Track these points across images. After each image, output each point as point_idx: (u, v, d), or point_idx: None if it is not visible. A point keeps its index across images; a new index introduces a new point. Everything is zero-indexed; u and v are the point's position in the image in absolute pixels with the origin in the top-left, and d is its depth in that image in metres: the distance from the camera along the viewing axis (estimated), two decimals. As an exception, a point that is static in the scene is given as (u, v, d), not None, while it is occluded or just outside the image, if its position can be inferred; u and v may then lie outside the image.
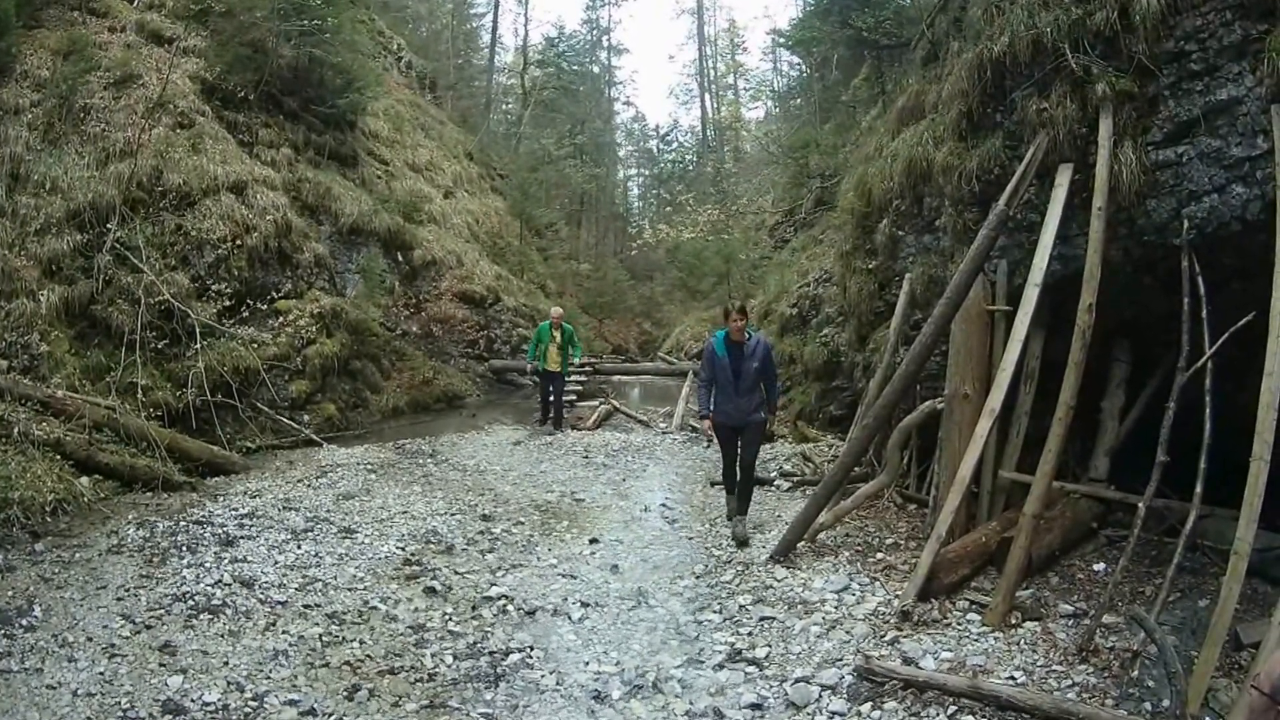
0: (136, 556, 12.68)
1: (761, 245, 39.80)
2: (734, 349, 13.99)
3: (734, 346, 13.98)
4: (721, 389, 14.10)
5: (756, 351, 13.98)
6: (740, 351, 13.94)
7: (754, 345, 14.02)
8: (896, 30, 27.02)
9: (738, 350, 13.97)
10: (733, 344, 13.99)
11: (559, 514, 15.97)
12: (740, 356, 13.93)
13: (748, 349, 13.93)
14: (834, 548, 12.91)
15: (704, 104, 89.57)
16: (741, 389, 13.97)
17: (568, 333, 25.11)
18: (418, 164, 39.73)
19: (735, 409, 14.05)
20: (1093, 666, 8.66)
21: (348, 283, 27.77)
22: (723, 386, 14.07)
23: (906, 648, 9.34)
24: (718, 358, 14.05)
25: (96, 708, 8.47)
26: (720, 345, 14.07)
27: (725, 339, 14.07)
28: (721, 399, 14.12)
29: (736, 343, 13.98)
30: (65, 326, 19.00)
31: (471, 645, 10.24)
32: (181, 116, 24.55)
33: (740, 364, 13.92)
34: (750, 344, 13.98)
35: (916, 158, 15.15)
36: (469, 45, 75.45)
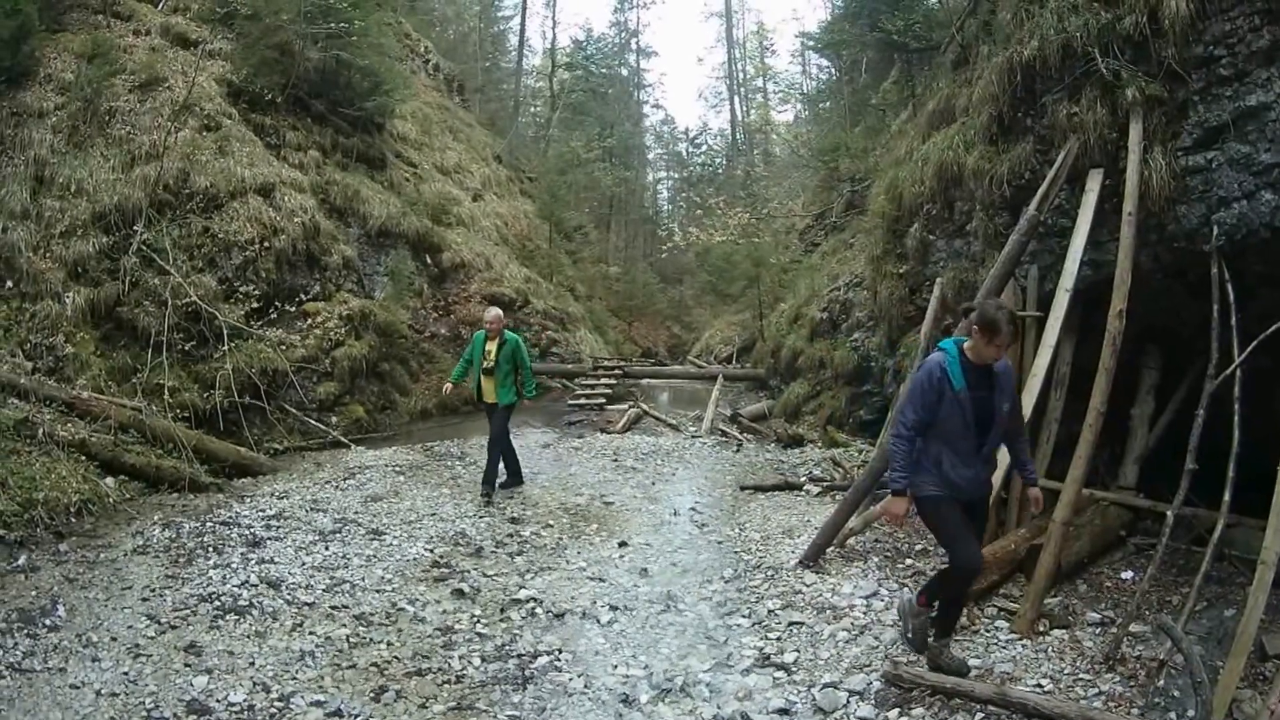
0: (162, 557, 12.74)
1: (792, 249, 39.73)
2: (979, 375, 8.73)
3: (979, 372, 8.73)
4: (950, 442, 8.80)
5: (1008, 380, 8.93)
6: (989, 381, 8.74)
7: (1005, 370, 8.89)
8: (926, 33, 26.88)
9: (984, 378, 8.74)
10: (976, 368, 8.73)
11: (588, 517, 15.86)
12: (990, 388, 8.73)
13: (1001, 377, 8.78)
14: (863, 553, 12.78)
15: (733, 107, 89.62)
16: (989, 443, 8.93)
17: (510, 344, 17.72)
18: (446, 166, 39.72)
19: (975, 476, 8.94)
20: (1119, 675, 8.61)
21: (376, 285, 27.82)
22: (953, 439, 8.78)
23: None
24: (951, 390, 8.71)
25: (120, 707, 8.47)
26: (956, 367, 8.71)
27: (963, 359, 8.76)
28: (953, 459, 8.79)
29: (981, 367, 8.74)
30: (91, 328, 19.18)
31: (500, 648, 10.17)
32: (208, 119, 24.64)
33: (991, 401, 8.75)
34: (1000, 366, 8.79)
35: (947, 162, 15.15)
36: (496, 48, 75.59)
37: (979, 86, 14.57)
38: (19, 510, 12.99)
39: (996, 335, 8.43)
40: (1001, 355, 8.68)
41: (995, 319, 8.42)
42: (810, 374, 24.74)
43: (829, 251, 32.66)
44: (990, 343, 8.49)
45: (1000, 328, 8.39)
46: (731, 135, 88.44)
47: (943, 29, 22.75)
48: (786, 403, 25.26)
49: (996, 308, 8.65)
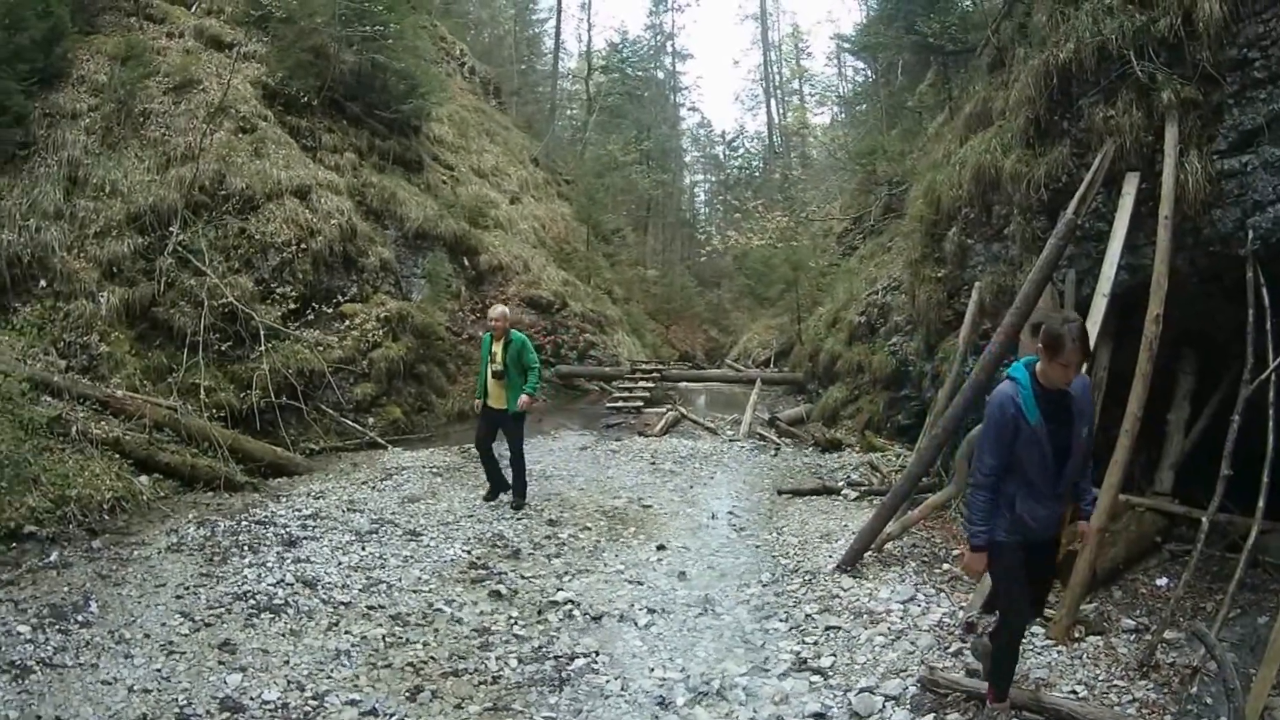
0: (196, 555, 12.86)
1: (829, 252, 39.65)
2: (1054, 403, 7.63)
3: (1054, 398, 7.63)
4: (1027, 481, 7.79)
5: (1086, 403, 7.84)
6: (1066, 406, 7.66)
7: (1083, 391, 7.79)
8: (962, 35, 26.78)
9: (1060, 405, 7.66)
10: (1050, 394, 7.62)
11: (626, 520, 15.81)
12: (1067, 415, 7.68)
13: (1078, 400, 7.70)
14: (900, 558, 12.75)
15: (769, 109, 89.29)
16: (1067, 476, 7.86)
17: (517, 344, 16.44)
18: (483, 169, 39.69)
19: (1051, 515, 8.00)
20: (1153, 682, 8.58)
21: (413, 287, 27.85)
22: (1030, 477, 7.76)
23: (970, 660, 9.16)
24: (1026, 424, 7.61)
25: (153, 704, 8.52)
26: (1029, 399, 7.61)
27: (1035, 386, 7.65)
28: (1028, 499, 7.81)
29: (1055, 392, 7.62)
30: (126, 327, 19.27)
31: (537, 649, 10.19)
32: (243, 121, 24.72)
33: (1069, 431, 7.71)
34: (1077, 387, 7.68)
35: (984, 165, 15.04)
36: (532, 51, 75.56)
37: (1015, 89, 14.51)
38: (51, 507, 13.08)
39: (1060, 353, 7.29)
40: (1071, 377, 7.46)
41: (1059, 334, 7.28)
42: (848, 378, 24.65)
43: (867, 255, 32.61)
44: (1054, 361, 7.36)
45: (1064, 345, 7.24)
46: (768, 138, 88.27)
47: (978, 31, 22.67)
48: (824, 407, 25.16)
49: (1063, 321, 7.42)
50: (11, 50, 19.96)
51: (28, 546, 12.28)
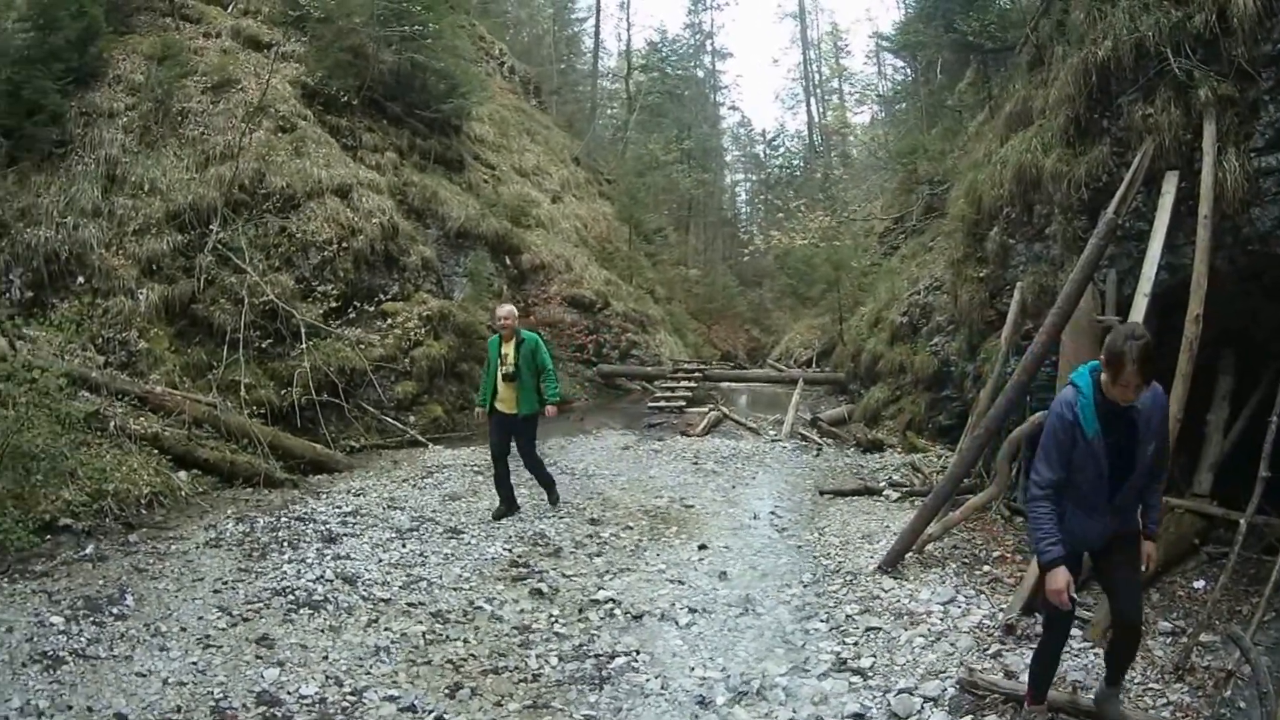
0: (235, 550, 12.97)
1: (871, 252, 39.55)
2: (1117, 415, 7.18)
3: (1118, 411, 7.17)
4: (1078, 495, 7.44)
5: (1155, 418, 7.34)
6: (1130, 421, 7.20)
7: (1153, 404, 7.29)
8: (1001, 34, 26.68)
9: (1124, 420, 7.21)
10: (1115, 406, 7.15)
11: (668, 519, 15.69)
12: (1131, 430, 7.22)
13: (1145, 414, 7.21)
14: (941, 559, 12.67)
15: (809, 108, 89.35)
16: (1124, 493, 7.41)
17: (530, 344, 15.66)
18: (524, 168, 39.76)
19: (1103, 528, 7.52)
20: (1188, 685, 8.53)
21: (455, 286, 27.91)
22: (1082, 490, 7.41)
23: (1009, 661, 9.21)
24: (1083, 437, 7.25)
25: (187, 696, 8.58)
26: (1089, 409, 7.22)
27: (1097, 396, 7.22)
28: (1077, 511, 7.48)
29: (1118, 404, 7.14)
30: (165, 324, 19.42)
31: (577, 648, 10.19)
32: (283, 120, 24.84)
33: (1132, 447, 7.26)
34: (1146, 401, 7.18)
35: (1025, 164, 14.94)
36: (571, 50, 75.72)
37: (1055, 88, 14.44)
38: (88, 500, 13.25)
39: (1119, 374, 6.86)
40: (1133, 397, 6.98)
41: (1120, 354, 6.82)
42: (890, 378, 24.61)
43: (908, 255, 32.51)
44: (1116, 381, 6.93)
45: (1124, 366, 6.79)
46: (809, 137, 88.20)
47: (1017, 29, 22.55)
48: (866, 407, 25.11)
49: (1125, 339, 6.85)
50: (46, 50, 20.17)
51: (63, 539, 12.45)
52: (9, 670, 8.80)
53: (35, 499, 12.54)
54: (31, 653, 9.17)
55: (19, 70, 19.56)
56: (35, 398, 13.21)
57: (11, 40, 19.66)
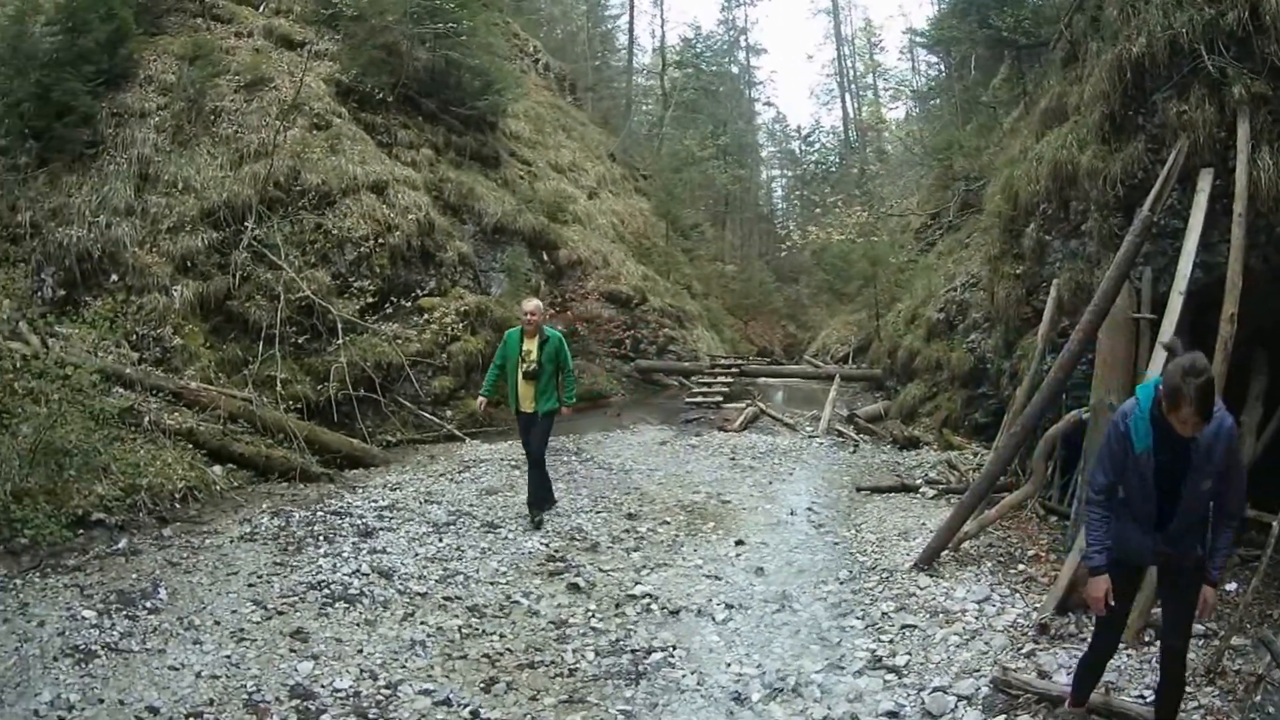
0: (270, 544, 13.07)
1: (907, 248, 39.46)
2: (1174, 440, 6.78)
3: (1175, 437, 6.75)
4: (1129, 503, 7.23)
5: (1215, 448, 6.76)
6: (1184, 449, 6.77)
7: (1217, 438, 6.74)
8: (1035, 29, 26.63)
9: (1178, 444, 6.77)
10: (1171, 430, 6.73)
11: (705, 515, 15.74)
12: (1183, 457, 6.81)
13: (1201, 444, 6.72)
14: (977, 557, 12.60)
15: (844, 104, 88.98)
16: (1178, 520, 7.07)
17: (554, 342, 15.14)
18: (561, 164, 39.76)
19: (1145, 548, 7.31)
20: (1218, 689, 8.45)
21: (492, 281, 27.99)
22: (1133, 500, 7.18)
23: (1043, 661, 9.17)
24: (1132, 450, 7.02)
25: (220, 690, 8.64)
26: (1142, 424, 6.94)
27: (1154, 412, 6.84)
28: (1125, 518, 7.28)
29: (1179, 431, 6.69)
30: (200, 321, 19.61)
31: (614, 643, 10.24)
32: (317, 118, 24.95)
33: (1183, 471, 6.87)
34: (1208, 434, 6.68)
35: (1061, 161, 14.83)
36: (605, 46, 75.65)
37: (1090, 84, 14.36)
38: (121, 495, 13.35)
39: (1176, 410, 6.48)
40: (1190, 432, 6.56)
41: (1177, 391, 6.44)
42: (926, 375, 24.49)
43: (945, 251, 32.32)
44: (1172, 414, 6.54)
45: (1180, 404, 6.42)
46: (844, 133, 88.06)
47: (1051, 25, 22.49)
48: (902, 404, 25.04)
49: (1185, 373, 6.44)
50: (75, 53, 20.37)
51: (95, 534, 12.54)
52: (40, 664, 8.84)
53: (67, 494, 12.65)
54: (63, 646, 9.22)
55: (48, 73, 19.81)
56: (68, 394, 13.30)
57: (40, 44, 19.99)
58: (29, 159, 19.88)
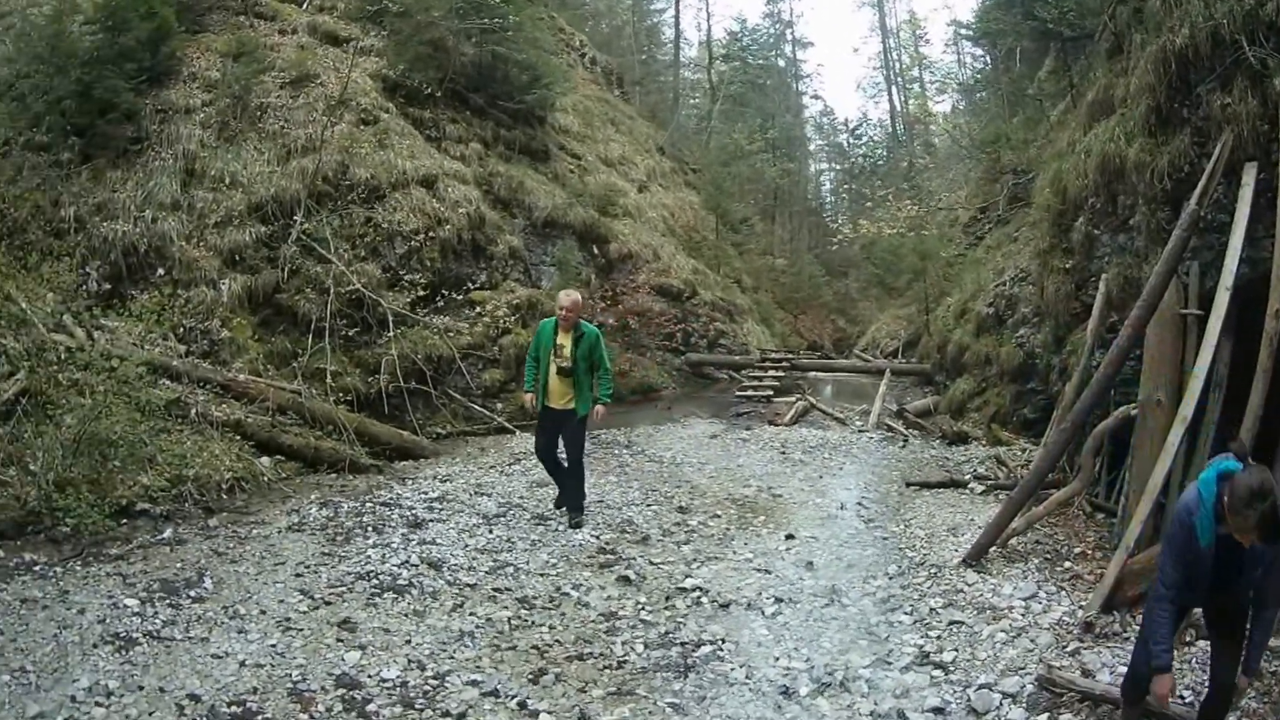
0: (318, 534, 13.14)
1: (956, 242, 39.32)
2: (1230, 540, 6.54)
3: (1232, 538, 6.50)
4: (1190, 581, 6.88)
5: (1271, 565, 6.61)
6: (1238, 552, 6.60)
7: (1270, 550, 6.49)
8: (1079, 21, 26.52)
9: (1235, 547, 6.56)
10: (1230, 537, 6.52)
11: (756, 508, 15.68)
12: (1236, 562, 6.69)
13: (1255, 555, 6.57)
14: (1024, 554, 12.57)
15: (891, 97, 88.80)
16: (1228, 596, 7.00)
17: (590, 338, 14.57)
18: (610, 158, 39.87)
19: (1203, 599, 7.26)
20: (1255, 691, 8.27)
21: (543, 275, 28.12)
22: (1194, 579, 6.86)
23: (1086, 659, 9.11)
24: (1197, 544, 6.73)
25: (265, 678, 8.65)
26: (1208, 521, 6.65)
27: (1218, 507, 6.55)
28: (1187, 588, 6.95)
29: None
30: (248, 314, 19.74)
31: (663, 635, 10.23)
32: (364, 113, 25.11)
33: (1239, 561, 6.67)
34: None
35: (1109, 154, 14.72)
36: (651, 41, 75.64)
37: (1135, 76, 14.25)
38: (167, 485, 13.51)
39: (1238, 528, 6.28)
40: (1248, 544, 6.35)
41: (1241, 514, 6.22)
42: (976, 370, 24.40)
43: (993, 245, 32.32)
44: (1235, 530, 6.33)
45: (1244, 525, 6.22)
46: (891, 126, 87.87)
47: (1095, 16, 22.30)
48: (951, 399, 24.99)
49: (1251, 496, 6.16)
50: (116, 51, 20.63)
51: (139, 523, 12.66)
52: (78, 651, 8.87)
53: (111, 484, 12.77)
54: (103, 634, 9.26)
55: (89, 70, 20.01)
56: (114, 386, 13.47)
57: (79, 42, 20.22)
58: (71, 155, 20.05)
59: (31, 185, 19.30)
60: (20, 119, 20.09)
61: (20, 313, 15.09)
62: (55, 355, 14.40)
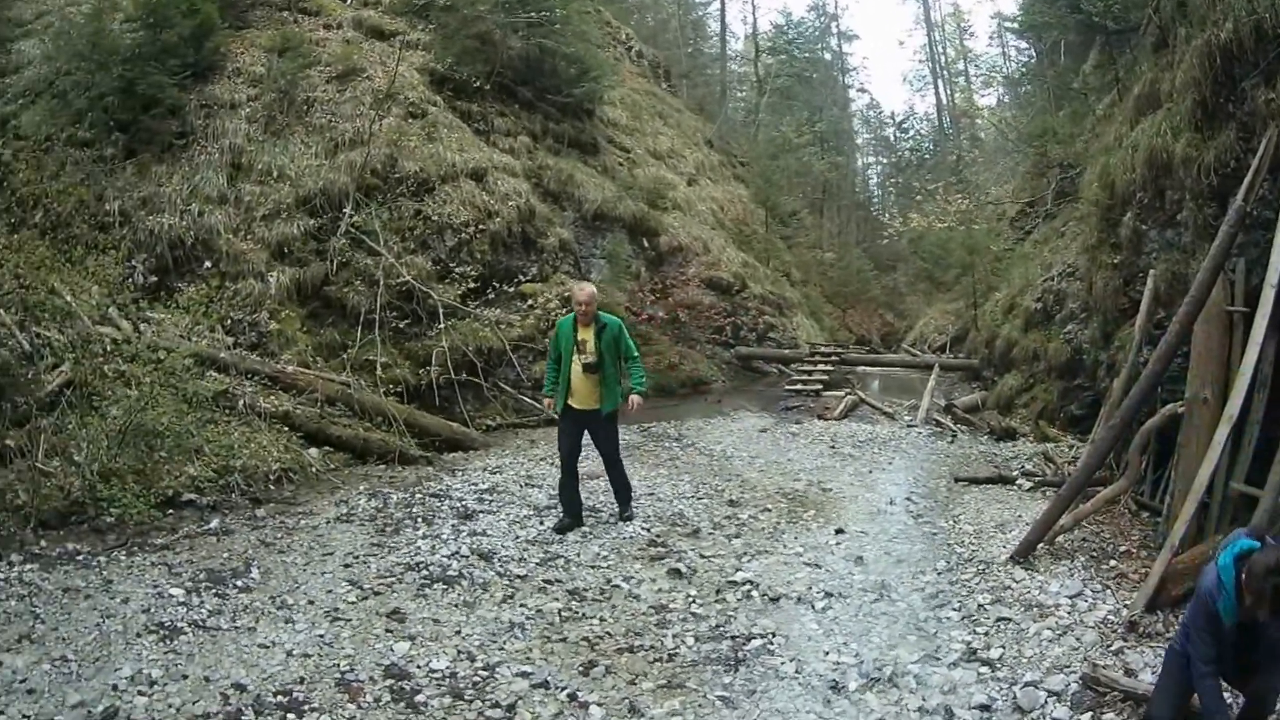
0: (367, 525, 13.25)
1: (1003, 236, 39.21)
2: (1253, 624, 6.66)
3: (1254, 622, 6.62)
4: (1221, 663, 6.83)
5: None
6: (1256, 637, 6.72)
7: None
8: (1124, 14, 26.38)
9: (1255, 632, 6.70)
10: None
11: (805, 503, 15.59)
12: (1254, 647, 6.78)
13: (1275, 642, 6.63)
14: (1070, 551, 12.47)
15: (937, 90, 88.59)
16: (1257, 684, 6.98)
17: (612, 329, 13.81)
18: (659, 151, 39.92)
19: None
20: None
21: (593, 267, 28.22)
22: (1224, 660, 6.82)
23: (1130, 659, 9.01)
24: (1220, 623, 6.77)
25: (312, 668, 8.71)
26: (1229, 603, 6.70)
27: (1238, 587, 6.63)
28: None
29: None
30: (296, 306, 19.94)
31: (714, 628, 10.19)
32: (412, 107, 25.21)
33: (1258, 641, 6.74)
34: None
35: (1156, 149, 14.67)
36: (697, 34, 75.81)
37: (1180, 70, 14.13)
38: (213, 476, 13.70)
39: (1257, 606, 6.38)
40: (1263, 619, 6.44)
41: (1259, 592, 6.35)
42: (1024, 366, 24.39)
43: (1041, 240, 32.25)
44: (1251, 604, 6.44)
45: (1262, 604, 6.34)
46: (938, 119, 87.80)
47: (1140, 9, 22.18)
48: (999, 394, 24.91)
49: (1267, 572, 6.31)
50: (159, 47, 20.96)
51: (185, 514, 12.84)
52: (121, 640, 8.97)
53: (157, 475, 12.92)
54: (147, 623, 9.37)
55: (131, 67, 20.32)
56: (160, 377, 13.60)
57: (121, 39, 20.61)
58: (115, 150, 20.32)
59: (75, 180, 19.53)
60: (61, 115, 20.45)
61: (65, 305, 15.23)
62: (101, 347, 14.58)
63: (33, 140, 20.07)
